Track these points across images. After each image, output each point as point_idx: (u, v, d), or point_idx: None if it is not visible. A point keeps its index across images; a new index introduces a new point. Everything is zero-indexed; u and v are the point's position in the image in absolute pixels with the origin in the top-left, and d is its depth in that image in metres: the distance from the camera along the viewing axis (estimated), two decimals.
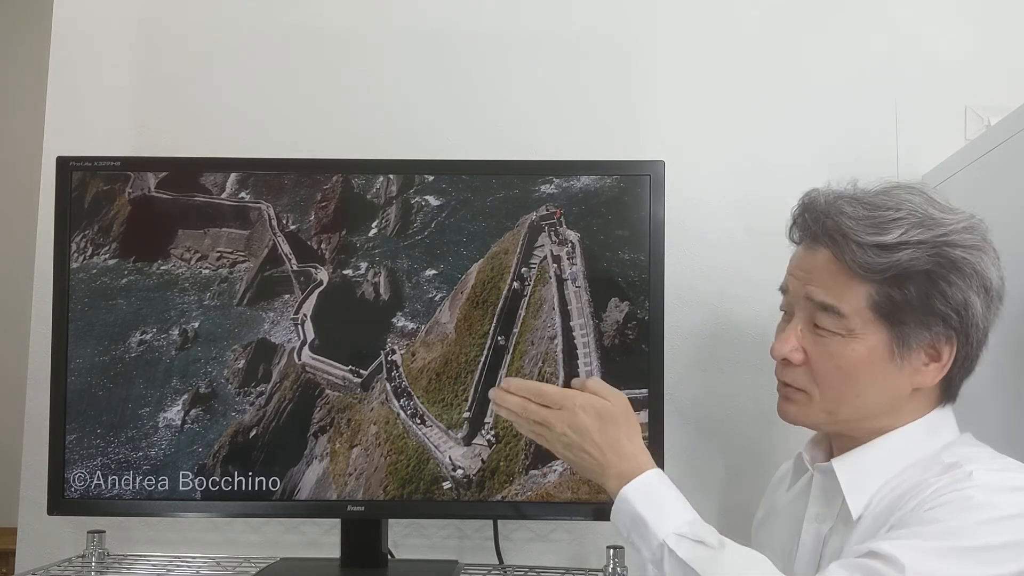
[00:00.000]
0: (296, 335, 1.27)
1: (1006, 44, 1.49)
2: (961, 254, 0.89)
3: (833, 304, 0.91)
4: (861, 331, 0.91)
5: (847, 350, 0.91)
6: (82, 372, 1.26)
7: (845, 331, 0.91)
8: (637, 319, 1.25)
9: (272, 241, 1.28)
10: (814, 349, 0.94)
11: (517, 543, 1.43)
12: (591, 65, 1.50)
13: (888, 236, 0.88)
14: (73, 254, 1.27)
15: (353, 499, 1.25)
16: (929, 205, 0.91)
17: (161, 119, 1.51)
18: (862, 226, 0.89)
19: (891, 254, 0.88)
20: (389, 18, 1.52)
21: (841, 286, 0.91)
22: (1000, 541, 0.80)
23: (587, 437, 0.94)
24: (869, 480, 0.92)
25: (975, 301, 0.89)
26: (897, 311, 0.89)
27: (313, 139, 1.48)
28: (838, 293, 0.91)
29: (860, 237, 0.89)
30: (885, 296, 0.89)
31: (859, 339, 0.91)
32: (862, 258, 0.89)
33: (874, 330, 0.91)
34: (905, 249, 0.88)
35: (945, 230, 0.89)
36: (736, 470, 1.43)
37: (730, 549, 0.87)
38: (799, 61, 1.50)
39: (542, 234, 1.27)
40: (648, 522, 0.89)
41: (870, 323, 0.91)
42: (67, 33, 1.54)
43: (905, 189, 0.93)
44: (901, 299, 0.89)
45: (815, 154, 1.46)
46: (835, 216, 0.91)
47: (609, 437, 0.94)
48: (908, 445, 0.93)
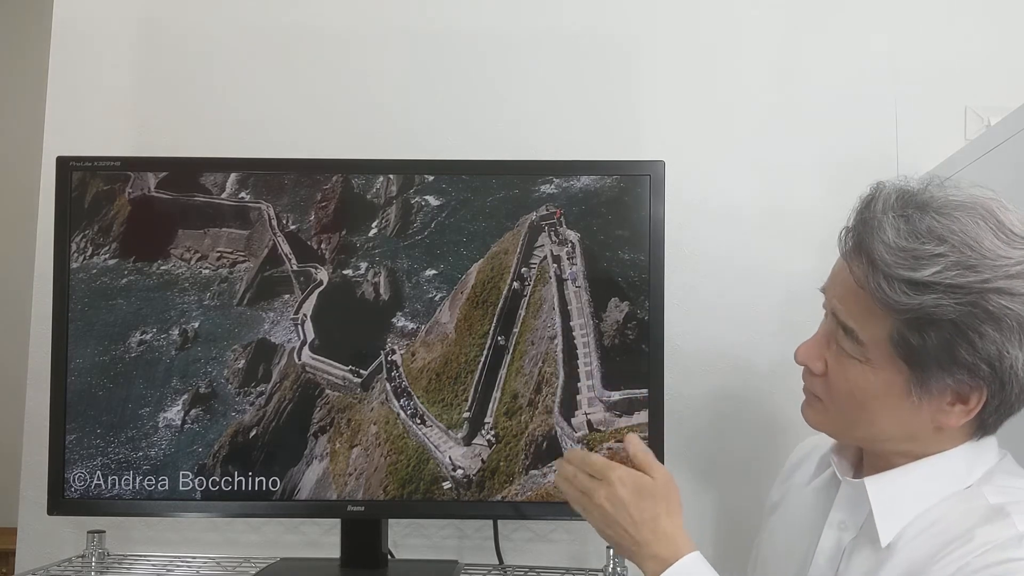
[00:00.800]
0: (296, 335, 1.27)
1: (1006, 44, 1.49)
2: (1004, 304, 0.78)
3: (854, 328, 0.85)
4: (878, 363, 0.84)
5: (862, 378, 0.85)
6: (82, 372, 1.26)
7: (863, 358, 0.85)
8: (637, 319, 1.25)
9: (272, 241, 1.28)
10: (834, 366, 0.89)
11: (517, 543, 1.43)
12: (591, 65, 1.50)
13: (921, 273, 0.79)
14: (73, 254, 1.27)
15: (353, 499, 1.25)
16: (993, 236, 0.80)
17: (161, 119, 1.52)
18: (897, 257, 0.80)
19: (917, 294, 0.79)
20: (389, 18, 1.52)
21: (864, 312, 0.84)
22: None
23: (623, 512, 0.90)
24: (903, 507, 0.86)
25: (1015, 354, 0.79)
26: (915, 354, 0.81)
27: (313, 139, 1.48)
28: (859, 319, 0.85)
29: (890, 270, 0.80)
30: (903, 336, 0.81)
31: (876, 370, 0.84)
32: (886, 293, 0.80)
33: (892, 365, 0.83)
34: (933, 292, 0.78)
35: (992, 274, 0.78)
36: (736, 470, 1.43)
37: None
38: (799, 61, 1.50)
39: (542, 234, 1.27)
40: None
41: (888, 357, 0.83)
42: (67, 33, 1.54)
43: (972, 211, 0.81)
44: (919, 344, 0.80)
45: (815, 154, 1.47)
46: (874, 237, 0.82)
47: (647, 514, 0.90)
48: (945, 475, 0.86)
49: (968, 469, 0.86)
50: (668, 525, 0.90)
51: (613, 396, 1.24)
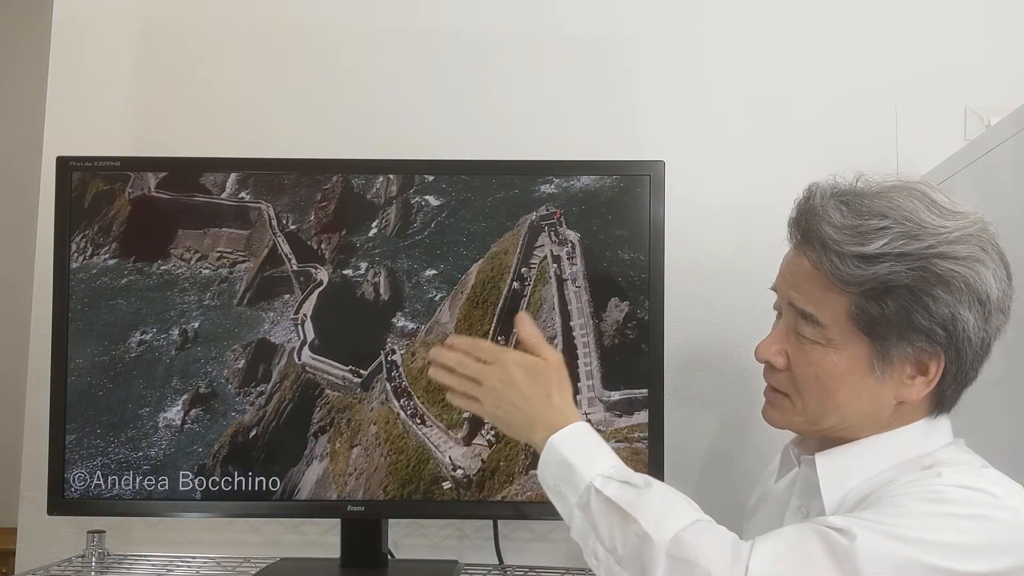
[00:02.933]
0: (296, 335, 1.27)
1: (1006, 44, 1.49)
2: (950, 267, 0.84)
3: (813, 313, 0.89)
4: (840, 342, 0.88)
5: (826, 360, 0.89)
6: (82, 372, 1.26)
7: (824, 340, 0.88)
8: (637, 319, 1.25)
9: (272, 241, 1.28)
10: (796, 355, 0.91)
11: (517, 543, 1.43)
12: (592, 66, 1.50)
13: (870, 246, 0.84)
14: (73, 254, 1.27)
15: (353, 499, 1.25)
16: (927, 210, 0.86)
17: (161, 119, 1.51)
18: (844, 235, 0.85)
19: (870, 266, 0.84)
20: (390, 19, 1.52)
21: (820, 295, 0.88)
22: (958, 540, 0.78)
23: (515, 389, 0.93)
24: (847, 478, 0.90)
25: (966, 316, 0.85)
26: (875, 325, 0.86)
27: (313, 139, 1.48)
28: (817, 301, 0.88)
29: (841, 247, 0.85)
30: (862, 309, 0.86)
31: (838, 350, 0.88)
32: (840, 269, 0.85)
33: (854, 341, 0.87)
34: (884, 261, 0.84)
35: (934, 241, 0.84)
36: (736, 469, 1.43)
37: (656, 487, 0.86)
38: (799, 61, 1.50)
39: (542, 234, 1.27)
40: (575, 466, 0.88)
41: (850, 334, 0.87)
42: (67, 33, 1.54)
43: (905, 191, 0.88)
44: (878, 313, 0.85)
45: (815, 154, 1.46)
46: (820, 221, 0.87)
47: (538, 391, 0.93)
48: (893, 449, 0.90)
49: (916, 445, 0.90)
50: (559, 400, 0.94)
51: (613, 396, 1.24)
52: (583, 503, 0.86)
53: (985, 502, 0.80)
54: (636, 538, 0.81)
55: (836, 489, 0.90)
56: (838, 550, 0.77)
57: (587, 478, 0.87)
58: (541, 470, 0.91)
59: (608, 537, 0.83)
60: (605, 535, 0.84)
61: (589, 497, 0.86)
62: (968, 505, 0.80)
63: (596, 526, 0.85)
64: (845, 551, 0.77)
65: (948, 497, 0.80)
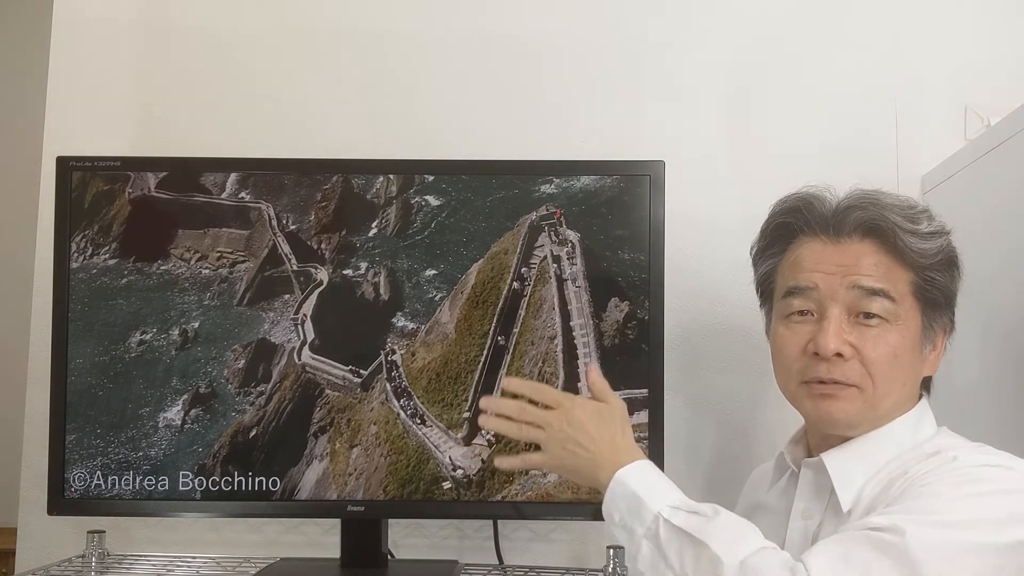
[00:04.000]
0: (296, 335, 1.27)
1: (1006, 44, 1.49)
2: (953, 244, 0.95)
3: (885, 288, 0.92)
4: (905, 317, 0.93)
5: (896, 336, 0.92)
6: (82, 372, 1.26)
7: (893, 317, 0.92)
8: (637, 319, 1.25)
9: (272, 241, 1.28)
10: (861, 341, 0.92)
11: (517, 543, 1.43)
12: (592, 65, 1.50)
13: (926, 225, 0.93)
14: (73, 254, 1.27)
15: (353, 499, 1.25)
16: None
17: (161, 119, 1.51)
18: (906, 215, 0.93)
19: (937, 239, 0.93)
20: (390, 19, 1.52)
21: (889, 273, 0.93)
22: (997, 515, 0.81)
23: (581, 431, 0.95)
24: (857, 473, 0.92)
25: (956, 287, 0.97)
26: (937, 296, 0.94)
27: (313, 139, 1.48)
28: (889, 279, 0.93)
29: (909, 225, 0.92)
30: (927, 280, 0.93)
31: (904, 324, 0.93)
32: (915, 245, 0.92)
33: (913, 316, 0.93)
34: (941, 235, 0.94)
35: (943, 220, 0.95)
36: (736, 469, 1.43)
37: (724, 515, 0.88)
38: (799, 61, 1.50)
39: (542, 234, 1.27)
40: (643, 499, 0.90)
41: (912, 309, 0.93)
42: (67, 33, 1.54)
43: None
44: (943, 282, 0.94)
45: (816, 154, 1.46)
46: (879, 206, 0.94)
47: (605, 433, 0.95)
48: (893, 438, 0.94)
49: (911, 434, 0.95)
50: (623, 441, 0.96)
51: None
52: (651, 533, 0.88)
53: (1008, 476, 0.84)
54: (708, 562, 0.83)
55: (849, 484, 0.92)
56: (891, 550, 0.78)
57: (655, 509, 0.89)
58: (607, 506, 0.92)
59: (679, 563, 0.85)
60: (675, 561, 0.86)
61: (658, 527, 0.88)
62: (995, 481, 0.84)
63: (666, 554, 0.86)
64: (898, 548, 0.78)
65: (975, 476, 0.84)
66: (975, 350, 1.15)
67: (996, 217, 1.14)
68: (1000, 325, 1.10)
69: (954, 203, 1.29)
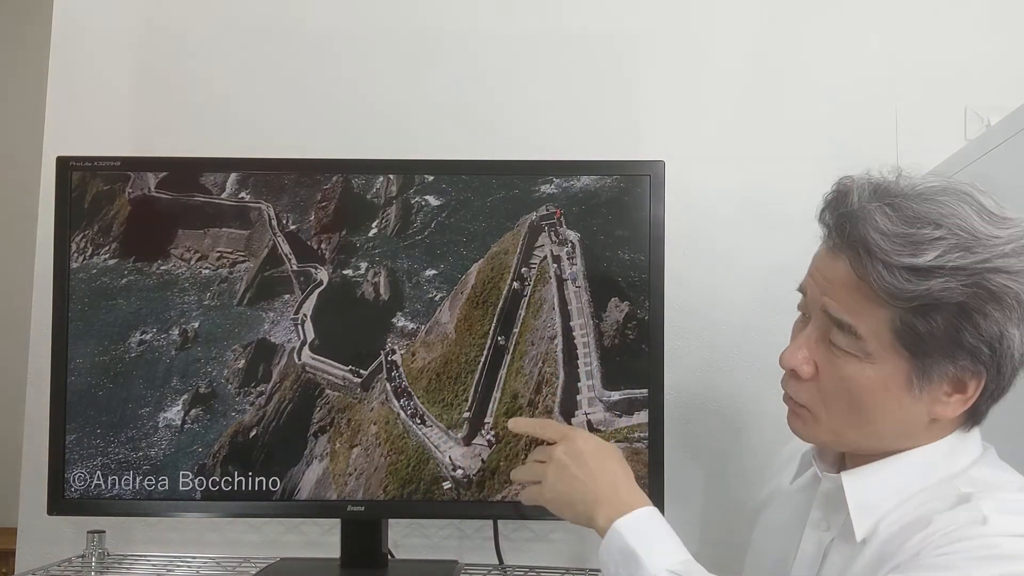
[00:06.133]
0: (296, 335, 1.27)
1: (1006, 44, 1.49)
2: (1004, 282, 0.77)
3: (851, 323, 0.81)
4: (879, 356, 0.81)
5: (861, 375, 0.82)
6: (82, 372, 1.26)
7: (861, 353, 0.81)
8: (637, 319, 1.25)
9: (272, 241, 1.28)
10: (825, 366, 0.85)
11: (517, 543, 1.43)
12: (592, 65, 1.50)
13: (922, 258, 0.76)
14: (73, 254, 1.27)
15: (353, 499, 1.25)
16: (978, 217, 0.79)
17: (161, 119, 1.52)
18: (894, 244, 0.78)
19: (922, 281, 0.77)
20: (390, 19, 1.52)
21: (860, 304, 0.81)
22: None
23: (582, 463, 0.92)
24: (878, 502, 0.84)
25: (1013, 333, 0.78)
26: (921, 342, 0.79)
27: (313, 139, 1.48)
28: (857, 312, 0.81)
29: (889, 257, 0.77)
30: (909, 325, 0.79)
31: (875, 364, 0.81)
32: (888, 281, 0.77)
33: (894, 357, 0.80)
34: (938, 277, 0.76)
35: (989, 254, 0.77)
36: (736, 470, 1.43)
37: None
38: (799, 61, 1.50)
39: (542, 234, 1.27)
40: (640, 558, 0.84)
41: (890, 349, 0.80)
42: (67, 33, 1.54)
43: (955, 195, 0.80)
44: (926, 331, 0.78)
45: (815, 154, 1.46)
46: (864, 225, 0.80)
47: (606, 467, 0.92)
48: (924, 467, 0.84)
49: (947, 462, 0.84)
50: (623, 479, 0.92)
51: (613, 396, 1.24)
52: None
53: None
54: None
55: (868, 513, 0.84)
56: None
57: (652, 572, 0.84)
58: (602, 553, 0.88)
59: None
60: None
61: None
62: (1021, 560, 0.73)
63: None
64: None
65: (1003, 553, 0.74)
66: None
67: None
68: None
69: None
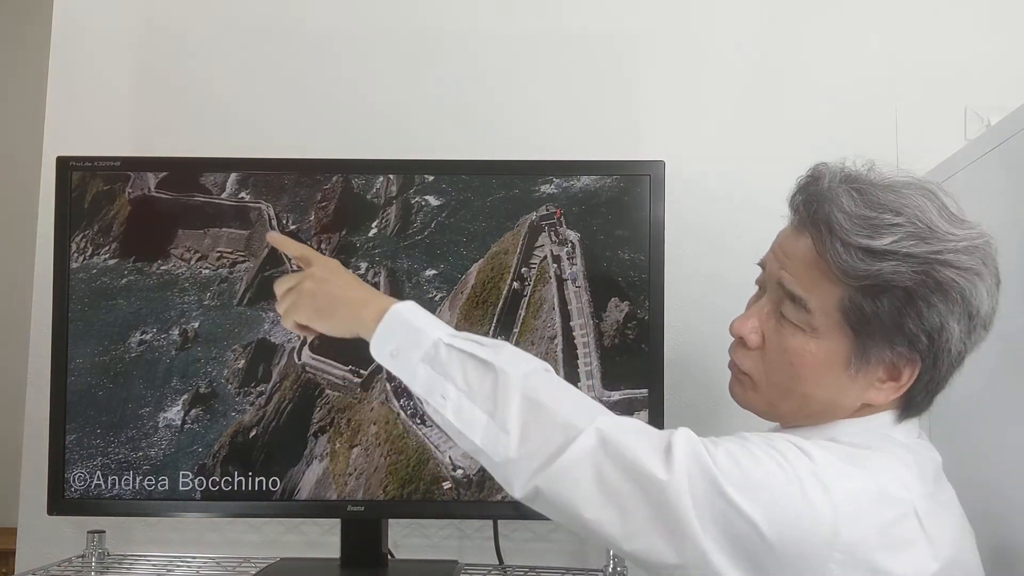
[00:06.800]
0: (296, 335, 1.27)
1: (1006, 44, 1.49)
2: (951, 276, 0.82)
3: (802, 296, 0.86)
4: (824, 332, 0.85)
5: (804, 348, 0.86)
6: (82, 372, 1.26)
7: (808, 327, 0.86)
8: (637, 319, 1.25)
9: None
10: (772, 336, 0.90)
11: (517, 543, 1.43)
12: (592, 65, 1.50)
13: (878, 241, 0.82)
14: (73, 254, 1.27)
15: (353, 499, 1.25)
16: (938, 214, 0.84)
17: (161, 119, 1.52)
18: (854, 224, 0.83)
19: (875, 262, 0.82)
20: (390, 18, 1.52)
21: (815, 280, 0.86)
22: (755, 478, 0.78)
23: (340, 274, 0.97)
24: None
25: (953, 327, 0.83)
26: (865, 322, 0.83)
27: (313, 139, 1.48)
28: (809, 286, 0.86)
29: (848, 236, 0.83)
30: (856, 304, 0.83)
31: (819, 339, 0.86)
32: (844, 259, 0.82)
33: (838, 333, 0.85)
34: (890, 259, 0.81)
35: (942, 246, 0.82)
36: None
37: (507, 345, 0.88)
38: (799, 61, 1.50)
39: (542, 234, 1.27)
40: (421, 328, 0.89)
41: (835, 326, 0.85)
42: (67, 33, 1.54)
43: (919, 190, 0.85)
44: (872, 311, 0.83)
45: (815, 154, 1.44)
46: (830, 204, 0.85)
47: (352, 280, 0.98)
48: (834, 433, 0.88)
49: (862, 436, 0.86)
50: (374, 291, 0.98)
51: (613, 396, 1.24)
52: (429, 357, 0.87)
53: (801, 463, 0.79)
54: (492, 375, 0.84)
55: None
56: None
57: (434, 336, 0.88)
58: (378, 338, 0.90)
59: (462, 378, 0.85)
60: (458, 377, 0.86)
61: (437, 351, 0.87)
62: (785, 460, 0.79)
63: (447, 371, 0.86)
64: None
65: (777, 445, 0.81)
66: (974, 352, 1.14)
67: (996, 217, 1.14)
68: (1001, 325, 1.09)
69: None
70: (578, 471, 0.81)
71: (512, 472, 0.84)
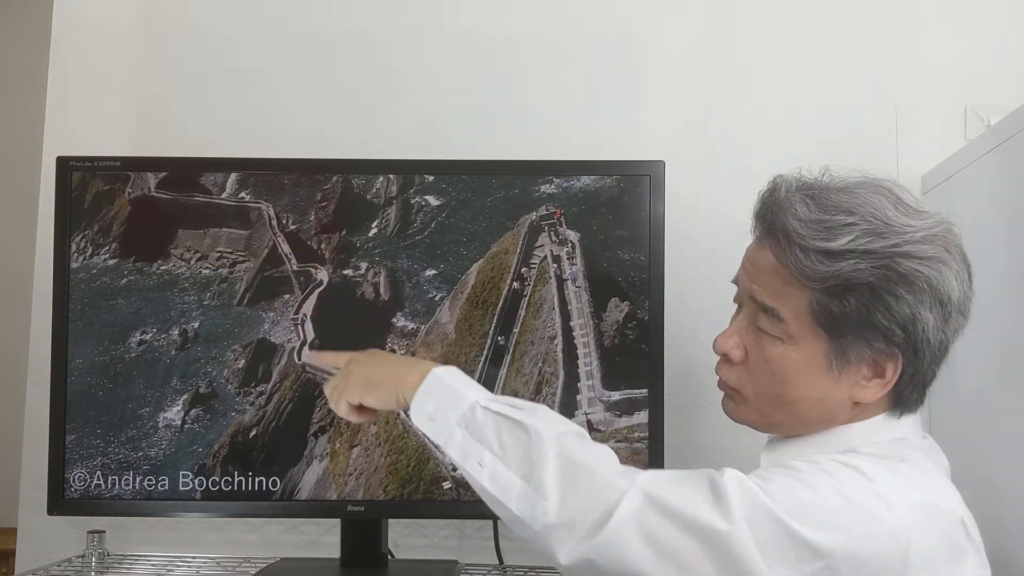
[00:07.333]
0: (296, 335, 1.27)
1: (1006, 44, 1.49)
2: (914, 266, 0.83)
3: (774, 307, 0.87)
4: (800, 338, 0.86)
5: (784, 356, 0.87)
6: (82, 372, 1.26)
7: (784, 336, 0.87)
8: (637, 319, 1.25)
9: (272, 241, 1.28)
10: (754, 349, 0.91)
11: (517, 543, 1.43)
12: (593, 65, 1.50)
13: (835, 242, 0.83)
14: (73, 254, 1.27)
15: (353, 499, 1.25)
16: (893, 208, 0.85)
17: (161, 118, 1.52)
18: (810, 229, 0.84)
19: (834, 262, 0.83)
20: (391, 18, 1.52)
21: (782, 289, 0.87)
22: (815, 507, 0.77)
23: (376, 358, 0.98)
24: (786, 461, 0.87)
25: (926, 317, 0.83)
26: (835, 322, 0.84)
27: (313, 139, 1.48)
28: (778, 296, 0.87)
29: (805, 241, 0.84)
30: (824, 306, 0.84)
31: (798, 346, 0.87)
32: (804, 264, 0.84)
33: (813, 338, 0.86)
34: (849, 258, 0.82)
35: (899, 239, 0.83)
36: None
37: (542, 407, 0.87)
38: (799, 61, 1.50)
39: (542, 234, 1.27)
40: (460, 391, 0.88)
41: (809, 331, 0.86)
42: (67, 33, 1.54)
43: (872, 188, 0.87)
44: (839, 310, 0.84)
45: (815, 155, 1.44)
46: (785, 214, 0.87)
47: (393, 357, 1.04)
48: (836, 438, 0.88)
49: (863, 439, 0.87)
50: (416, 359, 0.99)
51: (613, 396, 1.24)
52: (466, 420, 0.86)
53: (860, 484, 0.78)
54: (526, 436, 0.83)
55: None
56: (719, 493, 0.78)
57: (471, 399, 0.87)
58: (419, 399, 0.89)
59: (497, 443, 0.84)
60: (493, 441, 0.84)
61: (474, 413, 0.86)
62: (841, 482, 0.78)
63: (483, 435, 0.85)
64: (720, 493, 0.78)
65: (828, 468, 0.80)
66: (975, 352, 1.15)
67: (996, 217, 1.14)
68: (1000, 326, 1.09)
69: (954, 203, 1.29)
70: (629, 534, 0.77)
71: (555, 540, 0.79)
